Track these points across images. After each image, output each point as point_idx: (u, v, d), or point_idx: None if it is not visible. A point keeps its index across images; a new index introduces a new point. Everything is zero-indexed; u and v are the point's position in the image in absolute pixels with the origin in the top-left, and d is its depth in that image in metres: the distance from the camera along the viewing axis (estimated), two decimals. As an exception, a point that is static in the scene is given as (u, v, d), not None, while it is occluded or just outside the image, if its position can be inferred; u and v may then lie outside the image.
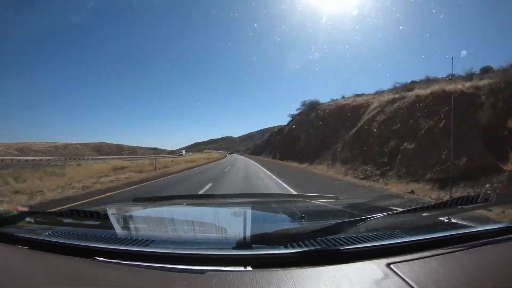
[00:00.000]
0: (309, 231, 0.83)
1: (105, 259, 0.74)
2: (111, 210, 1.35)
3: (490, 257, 0.78)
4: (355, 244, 0.77)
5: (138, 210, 1.57)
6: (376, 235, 0.85)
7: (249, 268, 0.68)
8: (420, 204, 1.06)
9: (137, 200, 1.93)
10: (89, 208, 1.27)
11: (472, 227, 0.96)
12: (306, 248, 0.74)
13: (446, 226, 1.02)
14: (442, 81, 15.20)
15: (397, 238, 0.84)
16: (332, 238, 0.81)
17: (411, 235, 0.87)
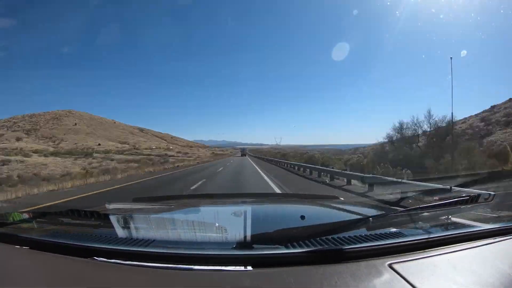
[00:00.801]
0: (309, 231, 0.83)
1: (105, 259, 0.74)
2: (111, 210, 1.35)
3: (491, 256, 0.78)
4: (355, 244, 0.77)
5: (138, 210, 1.57)
6: (377, 235, 0.85)
7: (250, 268, 0.68)
8: (420, 204, 1.06)
9: (137, 200, 1.93)
10: (89, 208, 1.27)
11: (472, 226, 0.96)
12: (307, 248, 0.74)
13: (446, 226, 1.02)
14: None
15: (397, 238, 0.84)
16: (333, 238, 0.81)
17: (412, 235, 0.87)
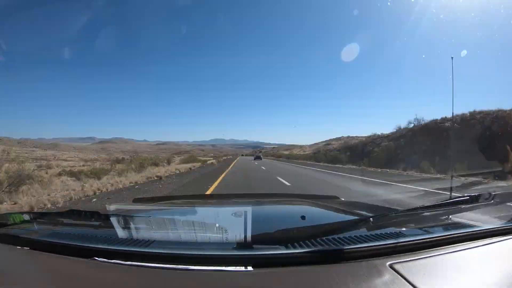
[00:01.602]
0: (310, 231, 0.83)
1: (105, 260, 0.74)
2: (111, 211, 1.35)
3: (491, 256, 0.78)
4: (356, 244, 0.77)
5: (138, 211, 1.57)
6: (377, 235, 0.85)
7: (250, 268, 0.68)
8: (421, 204, 1.06)
9: (138, 201, 1.93)
10: (89, 209, 1.27)
11: (472, 226, 0.96)
12: (307, 248, 0.74)
13: (447, 226, 1.02)
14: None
15: (398, 238, 0.84)
16: (333, 238, 0.81)
17: (412, 235, 0.87)
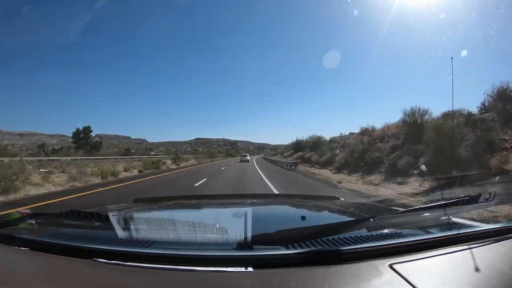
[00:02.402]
0: (310, 232, 0.83)
1: (105, 260, 0.74)
2: (112, 211, 1.35)
3: (491, 256, 0.78)
4: (356, 244, 0.77)
5: (138, 211, 1.57)
6: (377, 235, 0.85)
7: (250, 269, 0.68)
8: (421, 204, 1.06)
9: (138, 201, 1.93)
10: (89, 209, 1.27)
11: (472, 226, 0.96)
12: (307, 249, 0.74)
13: (447, 226, 1.02)
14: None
15: (398, 238, 0.84)
16: (333, 239, 0.81)
17: (412, 235, 0.87)
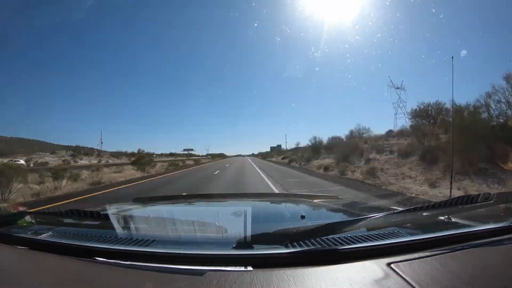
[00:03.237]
0: (309, 231, 0.83)
1: (105, 259, 0.74)
2: (111, 210, 1.35)
3: (491, 256, 0.78)
4: (355, 243, 0.77)
5: (138, 210, 1.57)
6: (377, 234, 0.85)
7: (250, 268, 0.68)
8: (421, 204, 1.06)
9: (137, 200, 1.93)
10: (89, 208, 1.27)
11: (472, 226, 0.96)
12: (307, 248, 0.74)
13: (446, 225, 1.02)
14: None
15: (397, 237, 0.84)
16: (333, 238, 0.81)
17: (412, 235, 0.87)
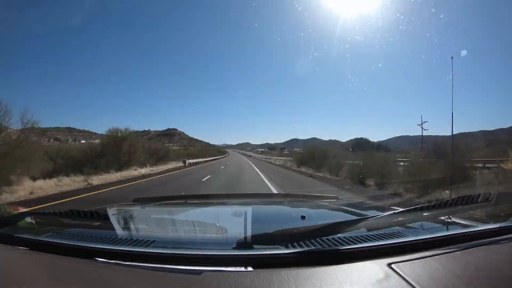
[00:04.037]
0: (310, 231, 0.83)
1: (105, 260, 0.74)
2: (112, 211, 1.35)
3: (491, 256, 0.78)
4: (356, 244, 0.77)
5: (138, 211, 1.57)
6: (377, 235, 0.85)
7: (250, 268, 0.68)
8: (421, 204, 1.06)
9: (138, 200, 1.93)
10: (89, 208, 1.27)
11: (472, 226, 0.96)
12: (307, 248, 0.74)
13: (446, 225, 1.02)
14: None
15: (398, 238, 0.84)
16: (333, 238, 0.81)
17: (412, 235, 0.87)
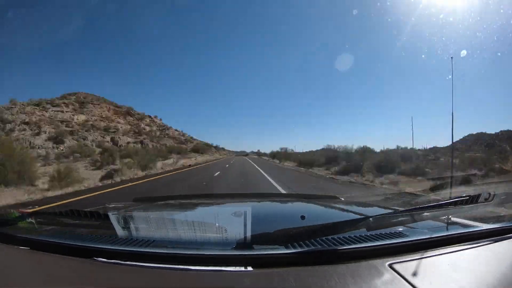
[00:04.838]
0: (309, 231, 0.83)
1: (105, 260, 0.74)
2: (111, 210, 1.35)
3: (491, 256, 0.78)
4: (356, 244, 0.77)
5: (138, 210, 1.57)
6: (377, 235, 0.85)
7: (250, 268, 0.68)
8: (421, 204, 1.06)
9: (138, 200, 1.93)
10: (89, 208, 1.27)
11: (472, 226, 0.96)
12: (307, 248, 0.74)
13: (446, 225, 1.02)
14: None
15: (397, 238, 0.84)
16: (333, 238, 0.81)
17: (412, 235, 0.87)
